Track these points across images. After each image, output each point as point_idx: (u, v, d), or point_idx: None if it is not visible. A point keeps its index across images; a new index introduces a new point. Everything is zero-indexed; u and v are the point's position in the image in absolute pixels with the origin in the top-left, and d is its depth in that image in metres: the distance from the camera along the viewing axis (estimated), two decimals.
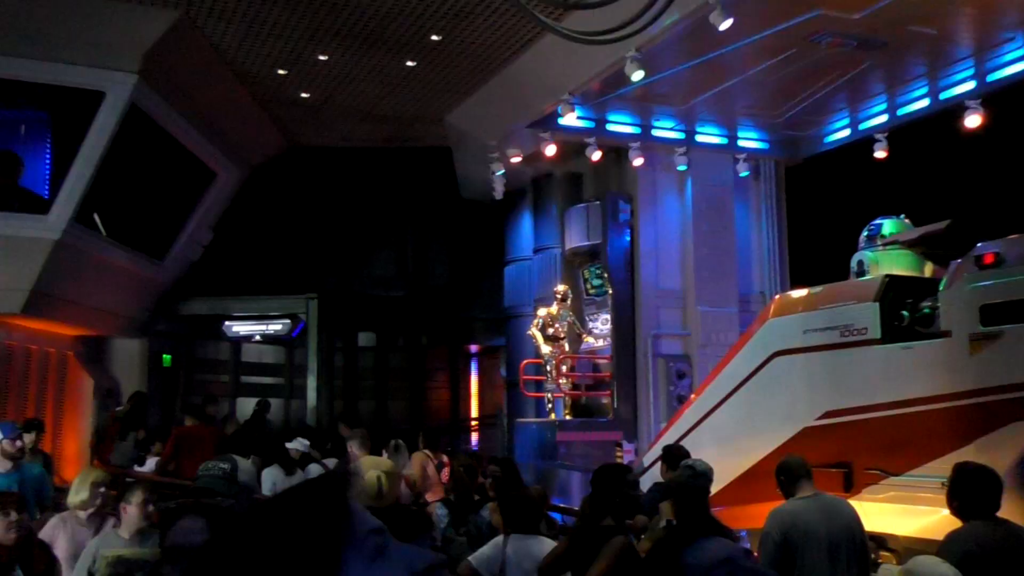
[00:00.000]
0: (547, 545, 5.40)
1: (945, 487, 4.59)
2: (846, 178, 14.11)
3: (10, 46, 10.17)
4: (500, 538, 5.45)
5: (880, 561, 6.44)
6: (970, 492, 4.42)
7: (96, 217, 11.99)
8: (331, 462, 9.12)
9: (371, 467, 7.09)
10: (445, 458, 9.54)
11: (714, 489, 5.78)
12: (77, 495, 5.43)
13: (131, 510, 4.89)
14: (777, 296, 9.75)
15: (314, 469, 8.85)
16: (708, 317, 13.30)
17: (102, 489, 5.52)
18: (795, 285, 12.73)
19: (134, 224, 13.14)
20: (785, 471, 5.22)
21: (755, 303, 13.75)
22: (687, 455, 7.65)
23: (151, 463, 11.07)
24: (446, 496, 7.49)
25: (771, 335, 8.42)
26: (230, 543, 1.21)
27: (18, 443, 6.72)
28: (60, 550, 5.07)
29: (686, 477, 5.35)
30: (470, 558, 5.38)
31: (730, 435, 8.81)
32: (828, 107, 12.77)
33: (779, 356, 8.28)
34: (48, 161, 12.16)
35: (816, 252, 13.42)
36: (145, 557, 4.68)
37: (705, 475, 5.43)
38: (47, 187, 11.59)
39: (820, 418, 7.82)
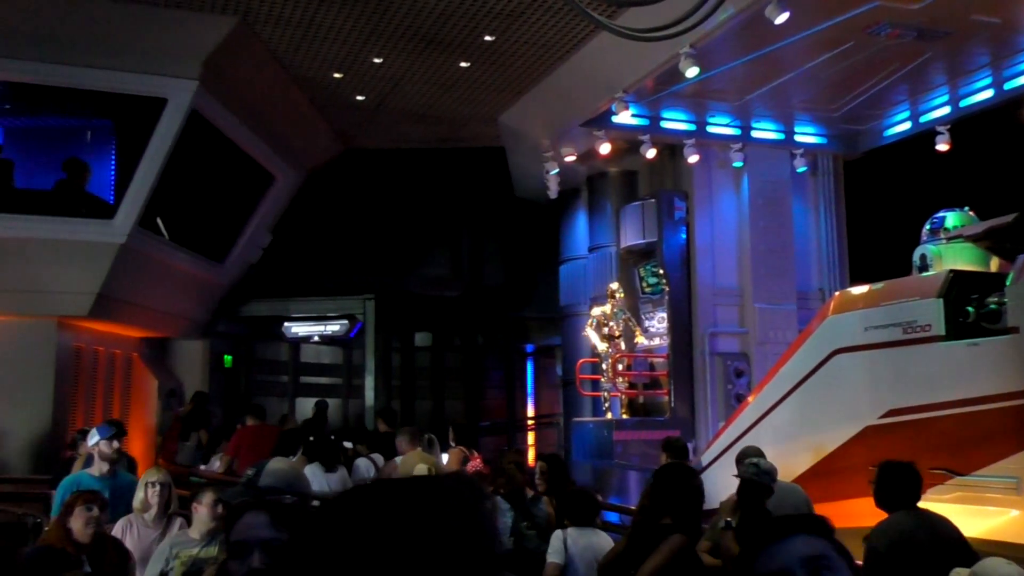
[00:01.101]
0: (604, 538, 5.56)
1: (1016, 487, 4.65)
2: (907, 171, 13.84)
3: (76, 57, 10.43)
4: (560, 532, 5.59)
5: None
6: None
7: (159, 221, 12.25)
8: (378, 458, 9.24)
9: (419, 461, 7.24)
10: (475, 452, 9.62)
11: None
12: (136, 497, 5.54)
13: (202, 510, 5.00)
14: (837, 293, 9.62)
15: (362, 464, 8.98)
16: (766, 314, 13.15)
17: (158, 488, 5.62)
18: (855, 281, 12.53)
19: (195, 227, 13.41)
20: (894, 478, 4.92)
21: (814, 300, 13.57)
22: (685, 447, 7.99)
23: (216, 462, 11.30)
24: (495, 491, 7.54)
25: (831, 332, 8.31)
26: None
27: (115, 443, 6.78)
28: None
29: (751, 474, 5.32)
30: (550, 558, 5.53)
31: (790, 434, 8.71)
32: (887, 100, 12.54)
33: (840, 354, 8.18)
34: (113, 167, 12.47)
35: (876, 247, 13.20)
36: (217, 557, 4.77)
37: (770, 473, 5.39)
38: (112, 192, 11.88)
39: (883, 417, 7.71)
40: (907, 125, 13.15)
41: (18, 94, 11.97)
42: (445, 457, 8.69)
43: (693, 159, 12.78)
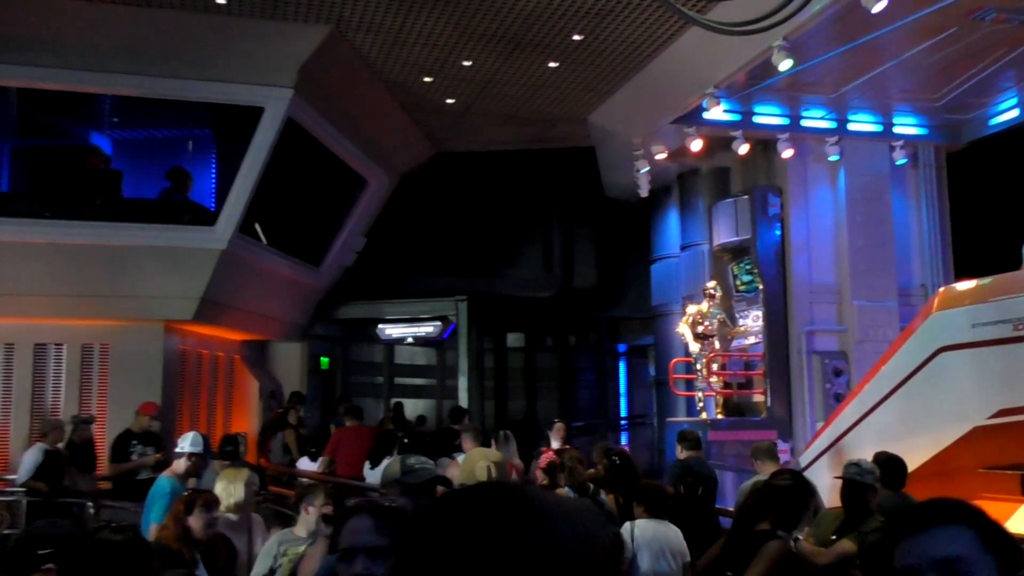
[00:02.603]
0: (672, 529, 5.80)
1: None
2: (1014, 162, 13.29)
3: (178, 70, 10.78)
4: (627, 524, 5.85)
5: None
6: (885, 471, 5.71)
7: (257, 227, 12.59)
8: (443, 461, 9.32)
9: (480, 458, 7.36)
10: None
11: None
12: (231, 497, 5.65)
13: (312, 511, 5.12)
14: (942, 289, 9.31)
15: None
16: (865, 312, 12.81)
17: (253, 488, 5.77)
18: (959, 277, 12.13)
19: (292, 232, 13.74)
20: None
21: (916, 297, 13.17)
22: (698, 438, 8.53)
23: (305, 461, 11.57)
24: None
25: (936, 330, 8.05)
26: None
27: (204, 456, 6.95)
28: None
29: (852, 474, 5.21)
30: None
31: (893, 435, 8.47)
32: (993, 87, 12.07)
33: (945, 352, 7.92)
34: (214, 175, 12.88)
35: (982, 241, 12.75)
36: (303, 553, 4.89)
37: (872, 472, 5.28)
38: (213, 200, 12.25)
39: (992, 417, 7.43)
40: (1014, 113, 12.62)
41: (125, 107, 12.48)
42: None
43: (787, 154, 12.54)
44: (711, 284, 13.11)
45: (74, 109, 12.38)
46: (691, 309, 13.12)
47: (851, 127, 12.88)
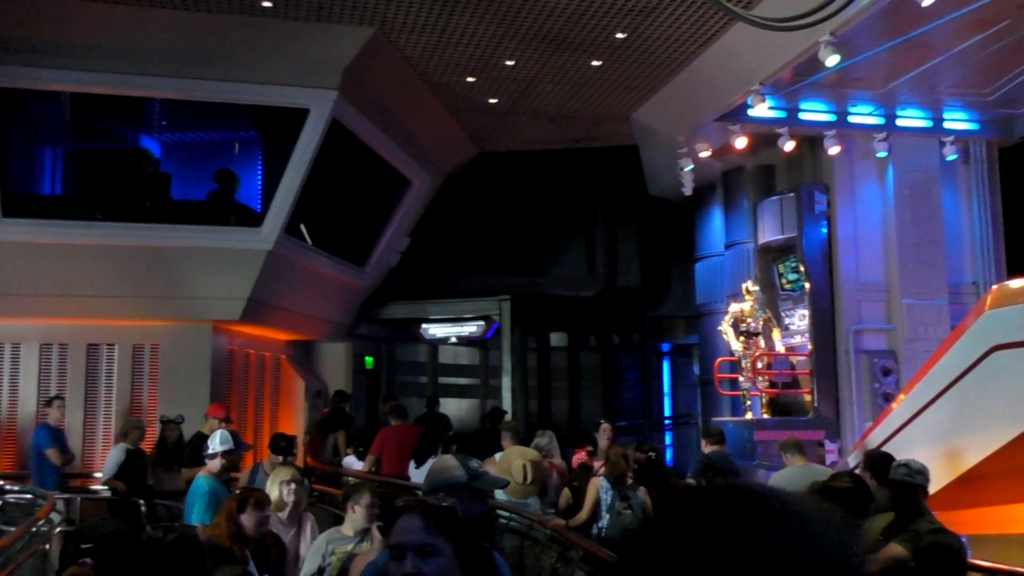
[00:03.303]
0: None
1: None
2: None
3: (224, 73, 10.92)
4: None
5: None
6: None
7: (303, 228, 12.71)
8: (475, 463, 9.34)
9: (518, 457, 7.37)
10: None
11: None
12: (271, 495, 5.71)
13: (359, 510, 5.16)
14: (995, 286, 9.13)
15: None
16: (915, 310, 12.62)
17: (293, 486, 5.81)
18: (1012, 274, 11.91)
19: (337, 233, 13.84)
20: None
21: (967, 295, 12.95)
22: (721, 433, 9.34)
23: (351, 460, 11.67)
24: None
25: (989, 328, 7.89)
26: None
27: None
28: None
29: (902, 475, 5.13)
30: None
31: (944, 435, 8.34)
32: None
33: (999, 350, 7.76)
34: (260, 177, 13.02)
35: None
36: (358, 552, 4.93)
37: (922, 473, 5.19)
38: (259, 201, 12.39)
39: None
40: None
41: (173, 111, 12.67)
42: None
43: (834, 151, 12.38)
44: (748, 284, 13.01)
45: (124, 113, 12.59)
46: (733, 308, 13.01)
47: (900, 123, 12.69)
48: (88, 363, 12.10)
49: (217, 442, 6.75)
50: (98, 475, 10.60)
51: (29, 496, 9.06)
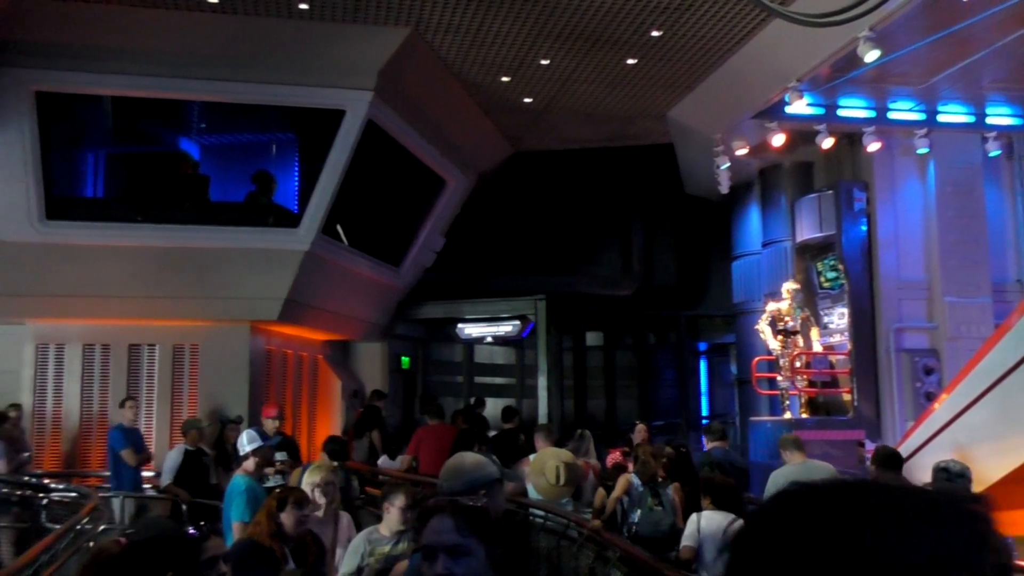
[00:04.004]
0: (738, 521, 6.12)
1: None
2: None
3: (261, 75, 11.01)
4: (694, 516, 6.34)
5: None
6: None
7: (339, 228, 12.78)
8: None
9: (551, 458, 7.39)
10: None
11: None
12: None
13: (393, 511, 5.19)
14: None
15: None
16: (957, 308, 12.42)
17: (323, 487, 5.84)
18: None
19: (373, 233, 13.91)
20: None
21: (1012, 292, 12.73)
22: (722, 430, 9.63)
23: (384, 459, 11.73)
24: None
25: None
26: None
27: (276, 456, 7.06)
28: None
29: (941, 480, 5.05)
30: (684, 541, 6.33)
31: (988, 434, 8.20)
32: None
33: None
34: (296, 178, 13.12)
35: None
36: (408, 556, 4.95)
37: (963, 475, 5.10)
38: (296, 202, 12.49)
39: None
40: None
41: (211, 113, 12.81)
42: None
43: (874, 147, 12.22)
44: (789, 284, 12.89)
45: (164, 116, 12.76)
46: (772, 306, 12.89)
47: (941, 118, 12.49)
48: (130, 363, 12.26)
49: (245, 441, 6.85)
50: (147, 474, 10.73)
51: (74, 494, 9.20)
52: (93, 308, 11.67)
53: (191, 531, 3.54)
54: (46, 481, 10.27)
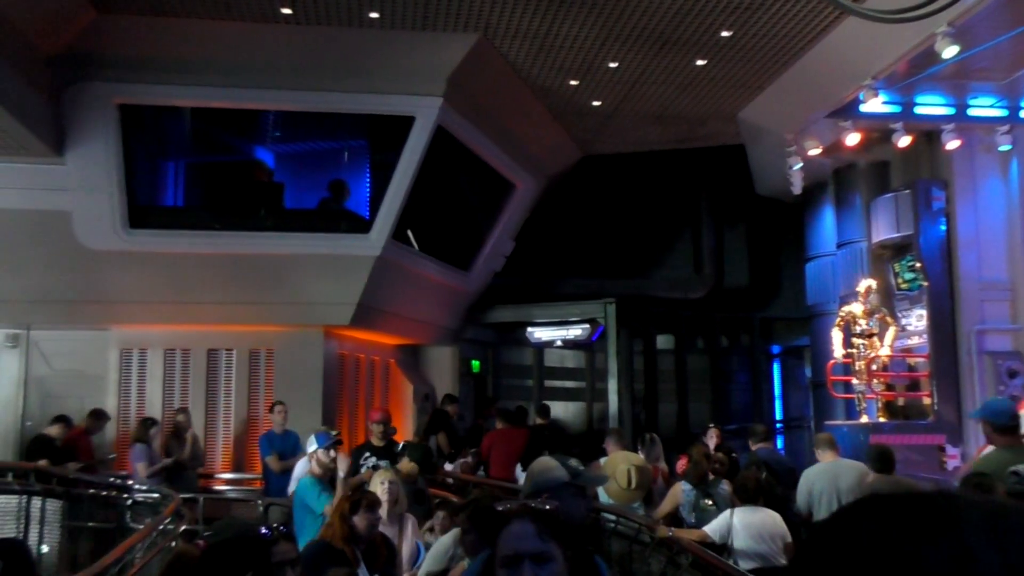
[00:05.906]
0: (769, 516, 6.65)
1: None
2: None
3: (333, 84, 11.20)
4: (728, 510, 6.73)
5: None
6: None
7: (410, 233, 12.92)
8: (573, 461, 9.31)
9: (622, 461, 7.39)
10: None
11: None
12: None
13: (436, 526, 5.24)
14: None
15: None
16: None
17: (387, 486, 5.89)
18: None
19: (443, 238, 14.03)
20: None
21: None
22: (766, 432, 9.83)
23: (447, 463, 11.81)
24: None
25: None
26: None
27: (331, 452, 6.90)
28: None
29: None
30: (705, 527, 6.77)
31: None
32: None
33: None
34: (368, 184, 13.30)
35: None
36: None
37: None
38: (367, 208, 12.66)
39: None
40: None
41: (285, 122, 13.07)
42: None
43: (953, 145, 11.90)
44: (871, 283, 12.60)
45: (240, 126, 13.05)
46: (846, 309, 12.62)
47: None
48: (208, 368, 12.56)
49: (308, 445, 6.99)
50: (223, 475, 10.93)
51: (157, 495, 9.45)
52: (173, 314, 11.99)
53: (264, 531, 3.61)
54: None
